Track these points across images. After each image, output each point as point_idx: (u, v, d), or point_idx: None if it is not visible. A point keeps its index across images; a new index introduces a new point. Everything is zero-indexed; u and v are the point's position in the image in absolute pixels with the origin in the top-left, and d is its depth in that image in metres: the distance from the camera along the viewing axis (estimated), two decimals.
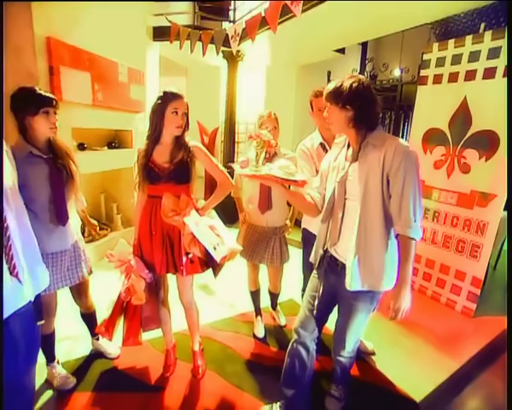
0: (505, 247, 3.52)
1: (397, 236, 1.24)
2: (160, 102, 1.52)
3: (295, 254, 2.39)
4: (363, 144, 1.25)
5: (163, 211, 1.55)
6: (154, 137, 1.57)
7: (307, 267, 2.20)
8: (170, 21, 3.57)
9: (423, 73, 3.00)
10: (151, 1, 3.74)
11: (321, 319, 1.55)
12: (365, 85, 1.22)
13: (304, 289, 2.28)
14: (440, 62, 2.84)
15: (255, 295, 2.35)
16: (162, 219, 1.57)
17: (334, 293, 1.46)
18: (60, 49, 2.50)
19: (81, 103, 2.79)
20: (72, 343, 2.11)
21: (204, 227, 1.59)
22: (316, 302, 1.51)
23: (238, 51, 4.28)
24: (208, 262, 1.70)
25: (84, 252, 1.75)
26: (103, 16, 2.95)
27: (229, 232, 1.74)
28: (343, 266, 1.34)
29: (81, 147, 3.03)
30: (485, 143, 2.56)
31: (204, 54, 3.24)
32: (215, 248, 1.57)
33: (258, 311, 2.38)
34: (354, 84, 1.20)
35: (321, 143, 1.93)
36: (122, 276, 1.68)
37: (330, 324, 1.63)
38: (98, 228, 2.06)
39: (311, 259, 1.58)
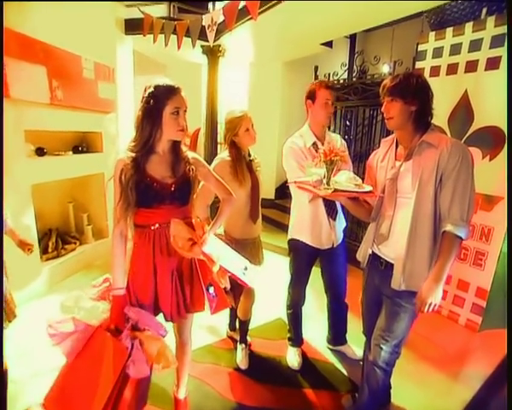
0: (504, 249, 3.31)
1: (443, 233, 1.22)
2: (153, 101, 1.16)
3: (282, 263, 2.07)
4: (419, 143, 1.24)
5: (177, 243, 1.20)
6: (148, 146, 1.21)
7: (296, 283, 1.97)
8: (142, 12, 3.24)
9: (419, 65, 2.77)
10: None
11: (370, 327, 1.50)
12: (426, 81, 1.25)
13: (289, 307, 2.05)
14: (438, 53, 2.61)
15: (245, 325, 2.04)
16: (170, 252, 1.25)
17: (378, 293, 1.45)
18: (4, 37, 2.14)
19: (36, 102, 2.44)
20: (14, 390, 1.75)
21: (226, 251, 1.35)
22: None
23: (219, 46, 3.96)
24: (228, 289, 1.42)
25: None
26: (64, 4, 2.59)
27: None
28: (387, 265, 1.36)
29: (40, 152, 2.67)
30: (489, 140, 2.33)
31: (179, 47, 2.92)
32: (244, 273, 1.34)
33: (243, 339, 2.07)
34: (420, 79, 1.23)
35: (314, 143, 1.73)
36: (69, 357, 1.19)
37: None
38: (32, 247, 1.72)
39: (358, 257, 1.53)
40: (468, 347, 2.35)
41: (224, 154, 1.79)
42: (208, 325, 2.39)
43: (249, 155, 1.83)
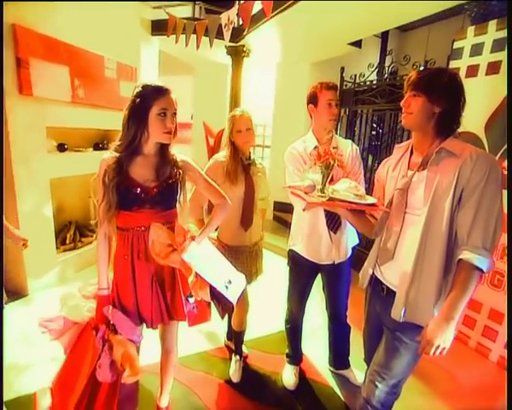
0: None
1: (458, 261, 1.02)
2: (139, 100, 1.13)
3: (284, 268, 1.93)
4: (437, 150, 1.06)
5: (154, 249, 1.15)
6: (133, 147, 1.17)
7: (293, 297, 1.83)
8: (167, 13, 3.29)
9: (453, 64, 2.48)
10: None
11: (371, 356, 1.31)
12: (461, 83, 1.08)
13: (287, 322, 1.91)
14: (477, 50, 2.31)
15: (240, 336, 1.94)
16: (148, 258, 1.20)
17: (380, 322, 1.27)
18: (29, 38, 2.26)
19: (57, 100, 2.54)
20: (13, 376, 1.81)
21: (208, 262, 1.25)
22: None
23: (243, 47, 3.92)
24: (215, 301, 1.33)
25: None
26: (89, 6, 2.69)
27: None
28: (389, 292, 1.19)
29: (61, 148, 2.79)
30: None
31: (198, 47, 2.92)
32: (227, 287, 1.24)
33: (238, 351, 1.97)
34: (454, 78, 1.06)
35: (316, 147, 1.58)
36: (67, 350, 1.23)
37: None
38: (27, 242, 1.72)
39: (360, 282, 1.35)
40: (498, 389, 1.99)
41: (219, 154, 1.72)
42: (207, 331, 2.32)
43: (248, 159, 1.73)
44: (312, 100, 1.58)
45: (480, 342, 2.29)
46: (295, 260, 1.73)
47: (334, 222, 1.57)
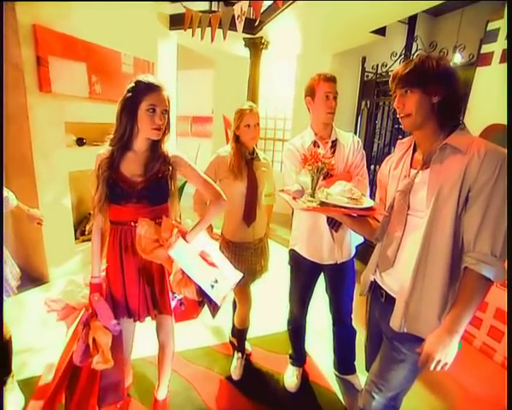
0: None
1: (464, 269, 0.93)
2: (130, 95, 1.17)
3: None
4: (441, 147, 0.96)
5: (140, 244, 1.17)
6: (123, 142, 1.21)
7: (294, 298, 1.78)
8: (184, 7, 3.29)
9: (486, 49, 2.26)
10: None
11: (371, 364, 1.24)
12: (450, 64, 1.00)
13: (289, 322, 1.86)
14: None
15: (242, 334, 1.92)
16: (135, 252, 1.22)
17: (379, 329, 1.18)
18: (48, 37, 2.34)
19: (75, 96, 2.63)
20: (28, 357, 1.92)
21: (195, 259, 1.24)
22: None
23: (261, 38, 3.84)
24: (203, 300, 1.33)
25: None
26: (106, 3, 2.75)
27: (219, 252, 1.43)
28: (388, 298, 1.11)
29: (80, 142, 2.90)
30: None
31: (212, 39, 2.89)
32: (213, 287, 1.23)
33: (240, 348, 1.95)
34: (441, 62, 0.96)
35: (314, 142, 1.53)
36: (70, 329, 1.30)
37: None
38: (42, 221, 1.75)
39: (361, 287, 1.26)
40: (501, 392, 1.84)
41: (222, 149, 1.71)
42: (213, 326, 2.31)
43: (252, 154, 1.70)
44: (310, 92, 1.51)
45: (486, 342, 2.16)
46: (296, 261, 1.67)
47: (335, 220, 1.48)
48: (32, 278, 2.71)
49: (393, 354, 1.09)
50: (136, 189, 1.21)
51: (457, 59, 2.94)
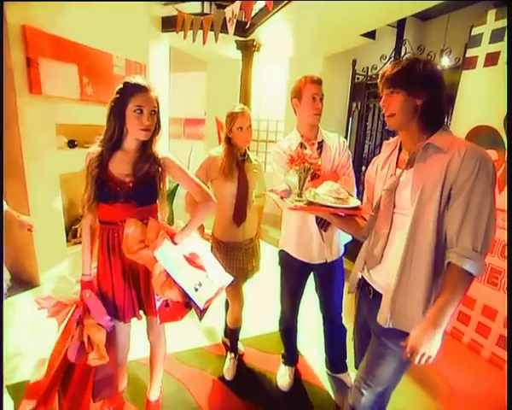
0: None
1: (447, 264, 0.97)
2: (118, 96, 1.18)
3: None
4: (424, 146, 0.99)
5: (126, 244, 1.18)
6: (113, 142, 1.22)
7: (285, 299, 1.80)
8: (176, 9, 3.30)
9: (471, 52, 2.31)
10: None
11: (360, 361, 1.27)
12: (437, 68, 1.04)
13: (280, 322, 1.88)
14: (497, 36, 2.13)
15: (235, 334, 1.93)
16: (120, 251, 1.23)
17: (367, 326, 1.21)
18: (38, 38, 2.33)
19: (66, 98, 2.62)
20: (19, 361, 1.90)
21: (181, 261, 1.24)
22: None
23: (253, 41, 3.87)
24: (190, 302, 1.33)
25: None
26: (97, 5, 2.74)
27: (210, 254, 1.44)
28: (376, 294, 1.13)
29: (71, 144, 2.88)
30: None
31: (204, 42, 2.89)
32: (197, 290, 1.23)
33: (233, 348, 1.96)
34: (428, 65, 1.00)
35: (300, 144, 1.54)
36: (61, 326, 1.30)
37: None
38: (32, 228, 1.76)
39: (349, 286, 1.29)
40: (488, 386, 1.89)
41: (213, 150, 1.74)
42: (206, 327, 2.31)
43: (244, 155, 1.73)
44: (296, 94, 1.54)
45: (474, 339, 2.21)
46: (286, 261, 1.69)
47: (324, 220, 1.51)
48: (23, 281, 2.69)
49: (381, 349, 1.12)
50: (124, 188, 1.22)
51: (445, 62, 3.02)
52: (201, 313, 1.30)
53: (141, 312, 1.38)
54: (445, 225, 0.97)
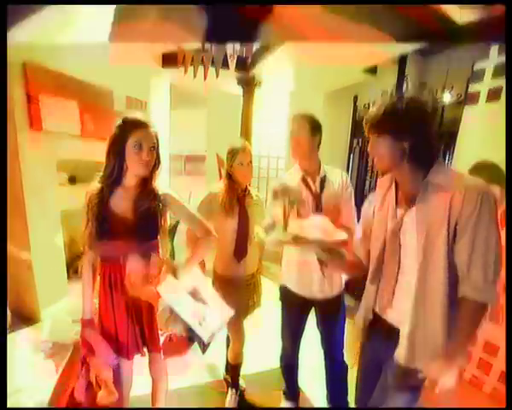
0: None
1: (461, 298, 0.98)
2: (117, 132, 1.20)
3: None
4: (423, 184, 1.00)
5: (129, 281, 1.20)
6: (113, 179, 1.23)
7: (286, 335, 1.75)
8: (177, 46, 3.38)
9: (473, 88, 2.31)
10: None
11: (364, 395, 1.25)
12: (422, 105, 1.01)
13: (281, 359, 1.81)
14: (500, 71, 2.12)
15: (236, 370, 1.86)
16: (122, 287, 1.23)
17: (379, 362, 1.19)
18: (38, 75, 2.36)
19: (67, 134, 2.62)
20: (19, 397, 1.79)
21: (184, 296, 1.27)
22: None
23: (254, 77, 3.94)
24: (193, 337, 1.32)
25: None
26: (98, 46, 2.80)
27: (211, 288, 1.46)
28: (391, 329, 1.11)
29: (72, 180, 2.85)
30: None
31: (205, 77, 2.95)
32: (201, 324, 1.25)
33: (234, 384, 1.88)
34: (411, 104, 0.98)
35: (302, 178, 1.53)
36: (60, 367, 1.31)
37: None
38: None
39: (357, 325, 1.25)
40: None
41: (213, 186, 1.72)
42: (208, 363, 2.18)
43: (244, 191, 1.71)
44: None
45: (475, 375, 2.17)
46: (287, 296, 1.65)
47: None
48: (24, 317, 2.58)
49: (394, 384, 1.09)
50: (125, 225, 1.22)
51: (446, 98, 3.03)
52: (205, 347, 1.29)
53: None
54: (453, 261, 0.97)
